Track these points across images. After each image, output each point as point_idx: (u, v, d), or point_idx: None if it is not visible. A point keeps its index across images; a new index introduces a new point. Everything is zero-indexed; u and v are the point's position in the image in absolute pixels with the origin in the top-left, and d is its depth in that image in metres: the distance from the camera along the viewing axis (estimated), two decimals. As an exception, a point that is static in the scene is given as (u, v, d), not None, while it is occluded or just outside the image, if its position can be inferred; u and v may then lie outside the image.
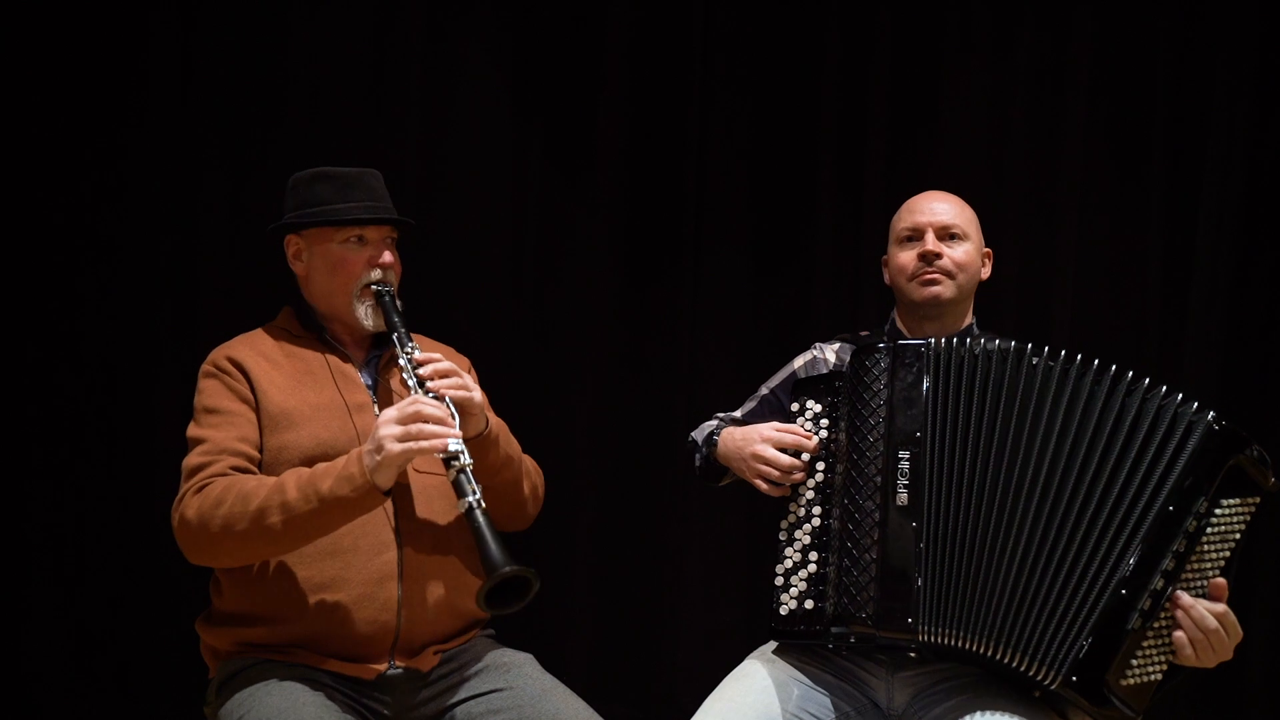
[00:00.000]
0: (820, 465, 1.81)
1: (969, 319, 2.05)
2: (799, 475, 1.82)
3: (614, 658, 3.00)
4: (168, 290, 2.84)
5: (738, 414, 2.14)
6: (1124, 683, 1.59)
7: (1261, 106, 2.73)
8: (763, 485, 1.85)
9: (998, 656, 1.63)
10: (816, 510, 1.80)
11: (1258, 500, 1.61)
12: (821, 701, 1.78)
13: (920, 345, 1.76)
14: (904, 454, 1.71)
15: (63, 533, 2.82)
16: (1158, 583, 1.59)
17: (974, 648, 1.63)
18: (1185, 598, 1.58)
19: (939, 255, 1.98)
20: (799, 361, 2.10)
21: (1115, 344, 2.78)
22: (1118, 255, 2.82)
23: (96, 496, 2.82)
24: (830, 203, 2.93)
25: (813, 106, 2.95)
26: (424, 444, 1.69)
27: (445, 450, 1.71)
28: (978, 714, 1.64)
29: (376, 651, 1.81)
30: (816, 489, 1.81)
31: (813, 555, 1.78)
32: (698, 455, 2.08)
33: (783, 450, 1.83)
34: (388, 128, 2.92)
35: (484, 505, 1.69)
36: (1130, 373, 1.68)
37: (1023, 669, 1.62)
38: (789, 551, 1.81)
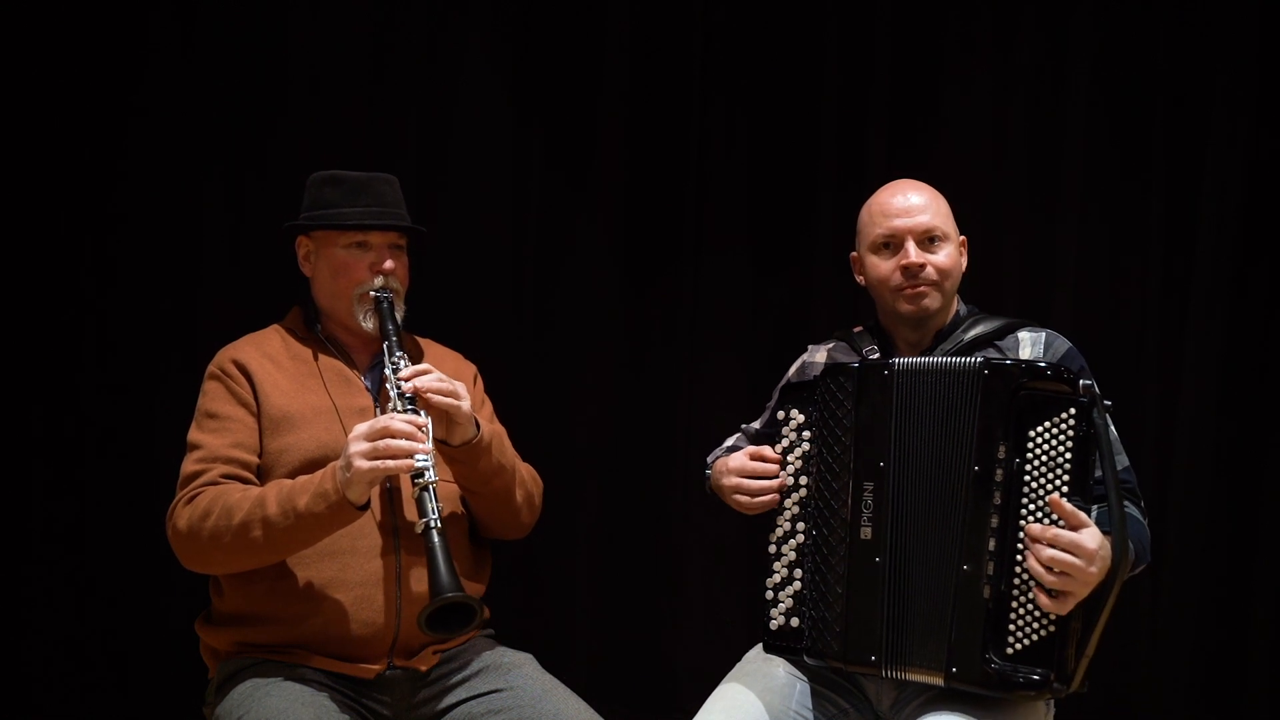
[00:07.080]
0: (804, 480, 1.80)
1: (954, 309, 1.94)
2: (772, 498, 1.81)
3: (614, 658, 3.00)
4: (168, 290, 2.84)
5: (756, 425, 2.11)
6: (1009, 651, 1.56)
7: (1261, 106, 2.73)
8: (746, 511, 1.86)
9: (924, 680, 1.66)
10: (800, 526, 1.80)
11: (1074, 410, 1.56)
12: (820, 699, 1.80)
13: (884, 368, 1.73)
14: (869, 485, 1.71)
15: (63, 533, 2.82)
16: (990, 544, 1.59)
17: (918, 678, 1.67)
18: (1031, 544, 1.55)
19: (924, 266, 1.85)
20: (791, 370, 2.07)
21: (1115, 344, 2.77)
22: (1118, 255, 2.82)
23: (97, 496, 2.82)
24: (830, 203, 2.92)
25: (813, 106, 2.95)
26: (391, 463, 1.71)
27: (412, 468, 1.72)
28: (932, 714, 1.65)
29: (375, 652, 1.82)
30: (800, 504, 1.81)
31: (797, 573, 1.79)
32: (707, 484, 2.06)
33: (754, 477, 1.82)
34: (388, 128, 2.91)
35: (441, 527, 1.71)
36: (958, 358, 1.70)
37: (927, 681, 1.65)
38: (777, 566, 1.82)
